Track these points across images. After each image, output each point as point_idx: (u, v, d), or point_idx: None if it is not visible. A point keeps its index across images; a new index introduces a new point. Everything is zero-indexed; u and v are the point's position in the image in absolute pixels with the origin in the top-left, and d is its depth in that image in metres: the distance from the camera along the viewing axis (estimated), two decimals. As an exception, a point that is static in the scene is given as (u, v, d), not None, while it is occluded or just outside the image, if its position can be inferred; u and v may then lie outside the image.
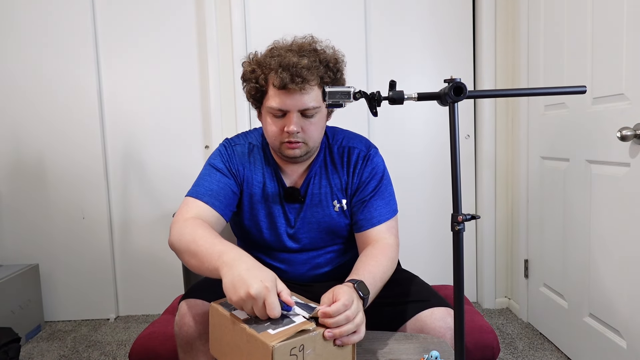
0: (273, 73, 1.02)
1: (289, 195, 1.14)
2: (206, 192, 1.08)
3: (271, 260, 1.20)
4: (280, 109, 1.03)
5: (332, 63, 1.06)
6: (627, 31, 1.46)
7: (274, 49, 1.06)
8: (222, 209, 1.08)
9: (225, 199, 1.09)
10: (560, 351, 1.94)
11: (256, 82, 1.06)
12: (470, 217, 0.78)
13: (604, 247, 1.61)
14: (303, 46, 1.05)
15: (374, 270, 0.98)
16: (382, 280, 1.00)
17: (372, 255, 1.04)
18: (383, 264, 1.02)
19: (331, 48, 1.10)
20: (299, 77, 0.99)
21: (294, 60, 0.99)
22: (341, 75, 1.10)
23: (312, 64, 1.01)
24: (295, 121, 1.03)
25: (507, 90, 1.02)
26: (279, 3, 2.38)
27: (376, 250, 1.06)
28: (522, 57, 2.20)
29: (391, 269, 1.05)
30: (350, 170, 1.15)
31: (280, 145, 1.07)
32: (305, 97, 1.02)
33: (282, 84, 0.99)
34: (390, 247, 1.08)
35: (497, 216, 2.44)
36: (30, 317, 2.32)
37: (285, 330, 0.74)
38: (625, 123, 1.45)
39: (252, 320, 0.79)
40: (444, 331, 1.00)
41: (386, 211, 1.13)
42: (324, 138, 1.17)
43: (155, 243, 2.49)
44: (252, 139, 1.19)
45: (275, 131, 1.06)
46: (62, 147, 2.42)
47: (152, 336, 1.30)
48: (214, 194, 1.08)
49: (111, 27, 2.39)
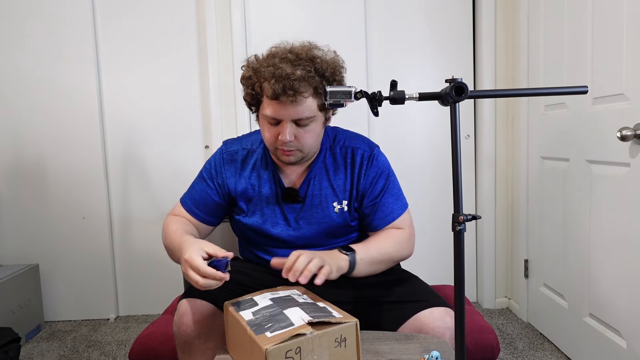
0: (267, 83, 1.02)
1: (288, 196, 1.15)
2: (189, 200, 1.21)
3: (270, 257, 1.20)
4: (273, 117, 1.04)
5: (329, 72, 1.05)
6: (627, 31, 1.46)
7: (270, 57, 1.06)
8: (201, 217, 1.19)
9: (205, 208, 1.19)
10: (560, 351, 1.94)
11: (252, 89, 1.07)
12: (471, 217, 0.78)
13: (604, 247, 1.61)
14: (300, 54, 1.04)
15: (369, 244, 1.10)
16: (379, 252, 1.09)
17: (375, 236, 1.15)
18: (383, 240, 1.12)
19: (332, 52, 1.09)
20: (291, 90, 0.98)
21: (287, 72, 0.98)
22: (338, 85, 1.08)
23: (307, 75, 1.00)
24: (288, 130, 1.03)
25: (507, 90, 1.02)
26: (279, 3, 2.38)
27: (383, 233, 1.16)
28: (522, 57, 2.20)
29: (393, 248, 1.12)
30: (355, 171, 1.16)
31: (275, 151, 1.10)
32: (298, 108, 1.02)
33: (275, 95, 1.00)
34: (400, 233, 1.16)
35: (497, 216, 2.44)
36: (30, 317, 2.32)
37: (282, 334, 0.75)
38: (625, 123, 1.45)
39: (254, 322, 0.80)
40: (442, 331, 1.00)
41: (398, 207, 1.18)
42: (325, 139, 1.18)
43: (155, 243, 2.49)
44: (249, 143, 1.21)
45: (270, 137, 1.08)
46: (62, 148, 2.42)
47: (152, 336, 1.30)
48: (195, 203, 1.19)
49: (111, 27, 2.39)
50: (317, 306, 0.85)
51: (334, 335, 0.78)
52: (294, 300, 0.90)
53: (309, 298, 0.92)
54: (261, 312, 0.85)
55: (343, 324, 0.79)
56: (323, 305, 0.86)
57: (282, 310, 0.84)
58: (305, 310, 0.83)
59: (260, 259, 1.23)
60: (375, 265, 1.09)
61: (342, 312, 0.84)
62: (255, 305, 0.89)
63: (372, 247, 1.10)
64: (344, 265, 1.02)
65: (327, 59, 1.07)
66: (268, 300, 0.91)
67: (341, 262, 1.02)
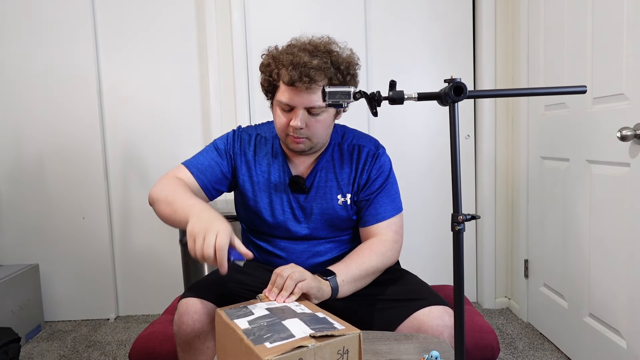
0: (284, 69, 1.07)
1: (294, 184, 1.18)
2: (196, 164, 1.18)
3: (272, 247, 1.22)
4: (287, 104, 1.08)
5: (344, 66, 1.10)
6: (627, 31, 1.46)
7: (290, 46, 1.11)
8: (204, 184, 1.17)
9: (211, 176, 1.18)
10: (560, 351, 1.94)
11: (270, 75, 1.12)
12: (470, 217, 0.78)
13: (604, 247, 1.61)
14: (318, 46, 1.09)
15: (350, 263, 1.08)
16: (360, 268, 1.08)
17: (356, 251, 1.13)
18: (364, 255, 1.11)
19: (348, 50, 1.15)
20: (307, 77, 1.03)
21: (304, 60, 1.04)
22: (352, 79, 1.13)
23: (323, 65, 1.05)
24: (300, 117, 1.07)
25: (507, 90, 1.02)
26: (278, 3, 2.38)
27: (364, 245, 1.15)
28: (522, 57, 2.20)
29: (376, 260, 1.11)
30: (360, 167, 1.19)
31: (285, 137, 1.13)
32: (312, 96, 1.06)
33: (291, 81, 1.04)
34: (382, 242, 1.15)
35: (497, 216, 2.44)
36: (30, 317, 2.32)
37: (282, 345, 0.73)
38: (625, 123, 1.45)
39: (252, 331, 0.79)
40: (441, 329, 1.01)
41: (390, 208, 1.19)
42: (334, 135, 1.22)
43: (155, 243, 2.49)
44: (262, 130, 1.25)
45: (282, 124, 1.11)
46: (62, 148, 2.42)
47: (152, 336, 1.30)
48: (202, 169, 1.17)
49: (111, 25, 2.40)
50: (316, 317, 0.83)
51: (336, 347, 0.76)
52: (291, 310, 0.88)
53: (306, 308, 0.89)
54: (257, 321, 0.82)
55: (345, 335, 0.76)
56: (323, 315, 0.84)
57: (280, 321, 0.82)
58: (305, 322, 0.81)
59: (262, 250, 1.24)
60: (359, 281, 1.07)
61: (344, 322, 0.82)
62: (251, 314, 0.86)
63: (352, 265, 1.07)
64: (327, 290, 1.00)
65: (343, 55, 1.12)
66: (264, 309, 0.88)
67: (323, 286, 0.99)
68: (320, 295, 0.98)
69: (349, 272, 1.05)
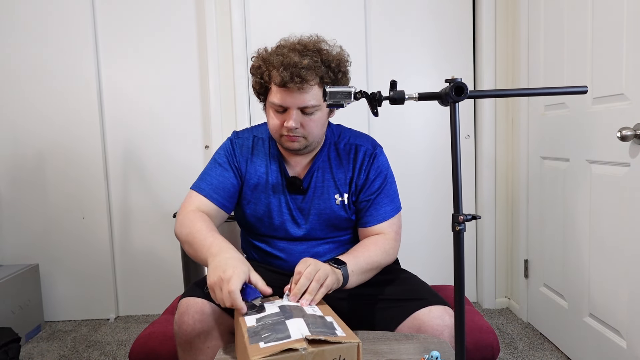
0: (275, 71, 1.06)
1: (291, 185, 1.18)
2: (207, 186, 1.17)
3: (271, 249, 1.22)
4: (281, 105, 1.08)
5: (335, 64, 1.10)
6: (627, 31, 1.46)
7: (279, 47, 1.11)
8: (220, 202, 1.16)
9: (224, 192, 1.17)
10: (560, 351, 1.94)
11: (261, 77, 1.11)
12: (470, 217, 0.78)
13: (604, 247, 1.61)
14: (307, 46, 1.09)
15: (358, 254, 1.08)
16: (367, 261, 1.08)
17: (362, 244, 1.14)
18: (371, 249, 1.11)
19: (338, 47, 1.14)
20: (298, 77, 1.03)
21: (295, 60, 1.03)
22: (343, 76, 1.13)
23: (314, 64, 1.05)
24: (294, 117, 1.07)
25: (507, 90, 1.02)
26: (278, 3, 2.38)
27: (369, 240, 1.16)
28: (522, 57, 2.20)
29: (381, 256, 1.12)
30: (357, 166, 1.19)
31: (280, 138, 1.13)
32: (304, 96, 1.06)
33: (282, 82, 1.04)
34: (386, 240, 1.16)
35: (497, 216, 2.44)
36: (30, 317, 2.32)
37: (275, 345, 0.72)
38: (625, 123, 1.45)
39: (254, 329, 0.78)
40: (441, 329, 1.01)
41: (390, 209, 1.19)
42: (330, 135, 1.22)
43: (155, 243, 2.49)
44: (258, 132, 1.25)
45: (277, 125, 1.11)
46: (62, 148, 2.42)
47: (152, 336, 1.30)
48: (214, 188, 1.16)
49: (111, 26, 2.39)
50: (323, 320, 0.82)
51: (331, 355, 0.73)
52: (302, 310, 0.87)
53: (319, 310, 0.88)
54: (264, 319, 0.82)
55: (342, 344, 0.74)
56: (331, 320, 0.83)
57: (284, 320, 0.81)
58: (308, 324, 0.79)
59: (261, 251, 1.24)
60: (365, 274, 1.09)
61: (348, 330, 0.79)
62: (263, 310, 0.87)
63: (360, 257, 1.08)
64: (340, 279, 1.01)
65: (333, 52, 1.12)
66: (276, 307, 0.88)
67: (338, 275, 1.00)
68: (336, 286, 0.99)
69: (358, 264, 1.06)
